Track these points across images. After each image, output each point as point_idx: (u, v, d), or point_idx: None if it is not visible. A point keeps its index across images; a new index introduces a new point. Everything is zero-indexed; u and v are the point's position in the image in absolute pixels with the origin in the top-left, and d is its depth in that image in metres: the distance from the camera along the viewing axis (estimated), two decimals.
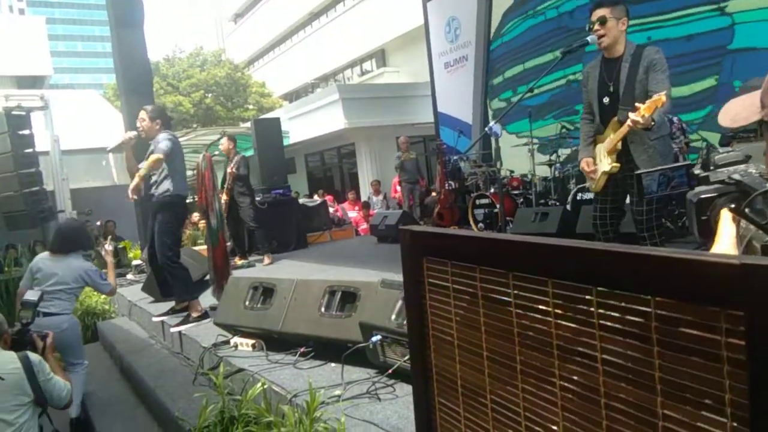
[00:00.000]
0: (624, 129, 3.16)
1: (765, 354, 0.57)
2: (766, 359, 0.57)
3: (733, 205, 1.23)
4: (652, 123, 3.02)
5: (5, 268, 8.92)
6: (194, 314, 4.60)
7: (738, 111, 1.03)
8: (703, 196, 1.31)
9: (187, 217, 4.96)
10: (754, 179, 1.24)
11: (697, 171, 1.50)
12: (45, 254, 4.40)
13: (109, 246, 5.02)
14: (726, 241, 1.21)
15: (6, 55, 16.82)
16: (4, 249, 10.34)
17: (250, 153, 10.15)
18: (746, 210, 1.13)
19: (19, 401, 2.74)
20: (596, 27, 3.26)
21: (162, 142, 4.54)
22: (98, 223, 11.02)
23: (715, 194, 1.30)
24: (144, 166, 4.52)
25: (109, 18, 8.51)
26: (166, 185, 4.59)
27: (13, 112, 9.20)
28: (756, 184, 1.22)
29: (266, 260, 7.33)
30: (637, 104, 3.03)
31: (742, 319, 0.58)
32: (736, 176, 1.27)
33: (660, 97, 2.93)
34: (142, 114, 4.72)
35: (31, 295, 3.43)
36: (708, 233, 1.28)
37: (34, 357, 2.92)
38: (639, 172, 1.59)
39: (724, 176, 1.30)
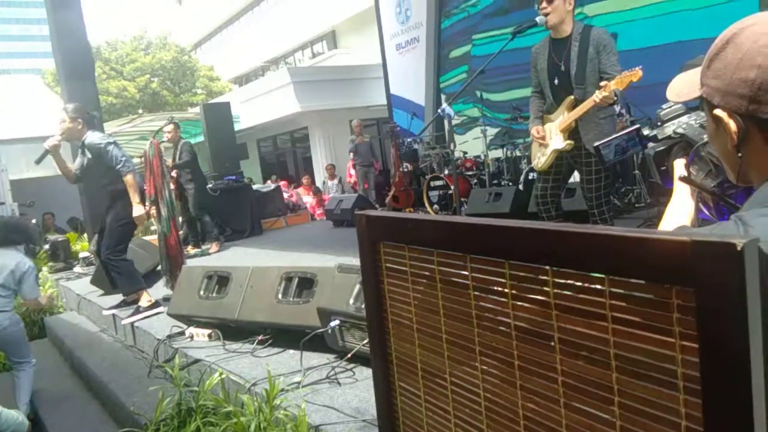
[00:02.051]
0: (585, 106, 3.21)
1: (714, 328, 0.58)
2: (716, 334, 0.58)
3: (683, 159, 1.39)
4: (615, 97, 3.10)
5: None
6: (144, 303, 4.50)
7: (681, 87, 1.12)
8: (657, 149, 1.48)
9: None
10: (695, 130, 1.39)
11: (646, 132, 1.65)
12: None
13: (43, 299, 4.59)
14: (683, 189, 1.36)
15: None
16: None
17: (200, 139, 9.90)
18: (691, 169, 1.32)
19: None
20: (543, 5, 3.30)
21: (101, 152, 4.41)
22: (33, 221, 10.58)
23: (666, 147, 1.47)
24: (133, 196, 4.44)
25: None
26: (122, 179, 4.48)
27: None
28: (696, 136, 1.37)
29: (213, 248, 7.22)
30: (602, 83, 3.10)
31: (693, 296, 0.60)
32: (680, 130, 1.42)
33: (636, 71, 3.01)
34: (62, 115, 4.50)
35: None
36: (668, 180, 1.44)
37: None
38: (597, 144, 1.70)
39: (669, 131, 1.46)
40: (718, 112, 0.93)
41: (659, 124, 1.53)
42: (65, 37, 7.82)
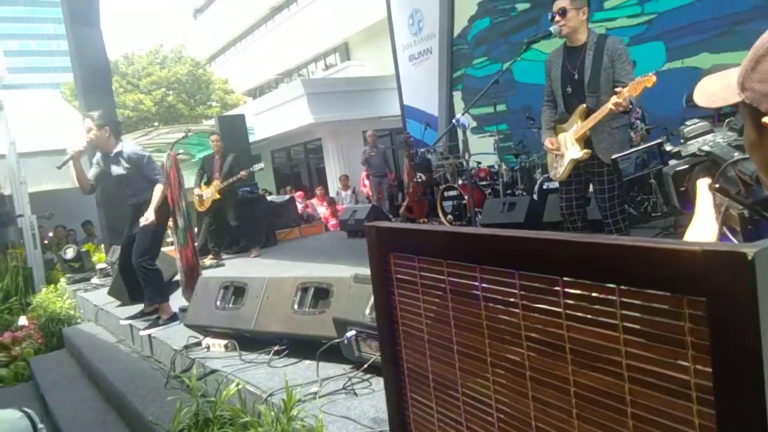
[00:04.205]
0: (600, 113, 3.19)
1: (727, 338, 0.58)
2: (728, 344, 0.58)
3: (707, 178, 1.28)
4: (631, 106, 3.08)
5: None
6: (164, 317, 4.54)
7: (714, 91, 1.00)
8: (678, 169, 1.36)
9: (170, 216, 4.87)
10: (723, 148, 1.28)
11: (668, 147, 1.53)
12: None
13: None
14: (706, 211, 1.25)
15: None
16: None
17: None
18: (717, 184, 1.19)
19: None
20: (557, 18, 3.30)
21: (143, 162, 4.49)
22: (50, 234, 10.75)
23: (688, 166, 1.35)
24: (156, 202, 4.52)
25: (64, 15, 8.27)
26: (148, 190, 4.59)
27: None
28: (725, 154, 1.26)
29: (253, 253, 7.53)
30: (617, 89, 3.08)
31: (705, 305, 0.60)
32: (706, 147, 1.32)
33: (650, 76, 2.98)
34: (88, 123, 4.44)
35: None
36: (688, 203, 1.33)
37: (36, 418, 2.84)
38: (615, 156, 1.64)
39: (694, 149, 1.35)
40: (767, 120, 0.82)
41: (682, 141, 1.41)
42: (84, 53, 7.97)
